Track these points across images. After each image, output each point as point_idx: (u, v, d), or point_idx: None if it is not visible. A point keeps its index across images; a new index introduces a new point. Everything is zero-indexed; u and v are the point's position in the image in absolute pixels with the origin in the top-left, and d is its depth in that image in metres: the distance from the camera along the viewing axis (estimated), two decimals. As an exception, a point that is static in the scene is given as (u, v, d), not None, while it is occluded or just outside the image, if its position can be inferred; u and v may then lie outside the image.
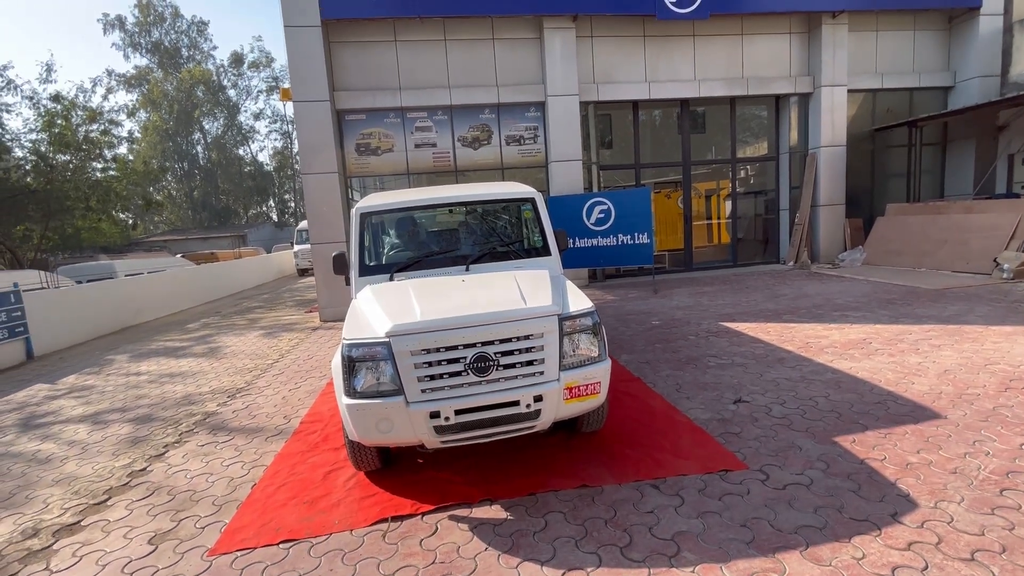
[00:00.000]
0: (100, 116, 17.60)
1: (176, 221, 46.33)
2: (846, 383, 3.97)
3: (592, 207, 8.69)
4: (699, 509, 2.52)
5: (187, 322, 10.56)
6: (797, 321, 5.98)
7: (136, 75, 41.98)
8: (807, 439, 3.13)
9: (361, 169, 9.39)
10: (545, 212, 4.04)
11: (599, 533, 2.41)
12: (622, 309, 7.53)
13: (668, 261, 11.15)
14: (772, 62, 10.27)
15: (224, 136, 46.74)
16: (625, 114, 10.42)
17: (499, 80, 9.39)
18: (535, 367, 2.70)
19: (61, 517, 3.01)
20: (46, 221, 18.05)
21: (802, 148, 10.67)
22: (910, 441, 3.00)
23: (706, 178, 11.34)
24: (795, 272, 9.88)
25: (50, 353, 8.28)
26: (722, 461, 2.94)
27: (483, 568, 2.25)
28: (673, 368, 4.66)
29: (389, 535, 2.55)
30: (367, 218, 3.88)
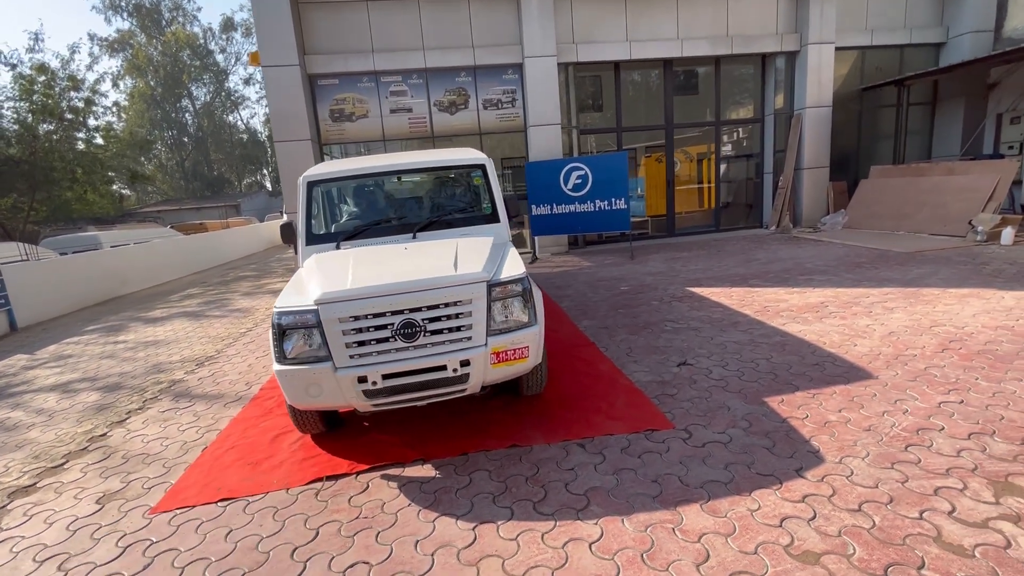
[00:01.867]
0: (83, 85, 17.22)
1: (169, 191, 45.88)
2: (791, 346, 4.05)
3: (569, 173, 8.61)
4: (617, 466, 2.62)
5: (171, 293, 10.64)
6: (762, 286, 6.03)
7: (119, 39, 40.72)
8: (738, 400, 3.22)
9: (336, 136, 9.25)
10: (495, 178, 4.03)
11: (518, 489, 2.52)
12: (595, 275, 7.56)
13: (651, 227, 11.11)
14: (758, 19, 9.95)
15: (213, 103, 45.77)
16: (606, 76, 10.17)
17: (475, 41, 9.14)
18: (462, 332, 2.75)
19: (19, 480, 3.14)
20: (33, 192, 17.94)
21: (788, 109, 10.46)
22: (835, 400, 3.09)
23: (695, 142, 11.16)
24: (775, 236, 9.86)
25: (34, 324, 8.39)
26: (650, 421, 3.04)
27: (402, 522, 2.37)
28: (629, 332, 4.74)
29: (322, 493, 2.67)
30: (314, 186, 3.87)
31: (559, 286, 7.07)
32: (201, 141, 45.69)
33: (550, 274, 8.05)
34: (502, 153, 10.98)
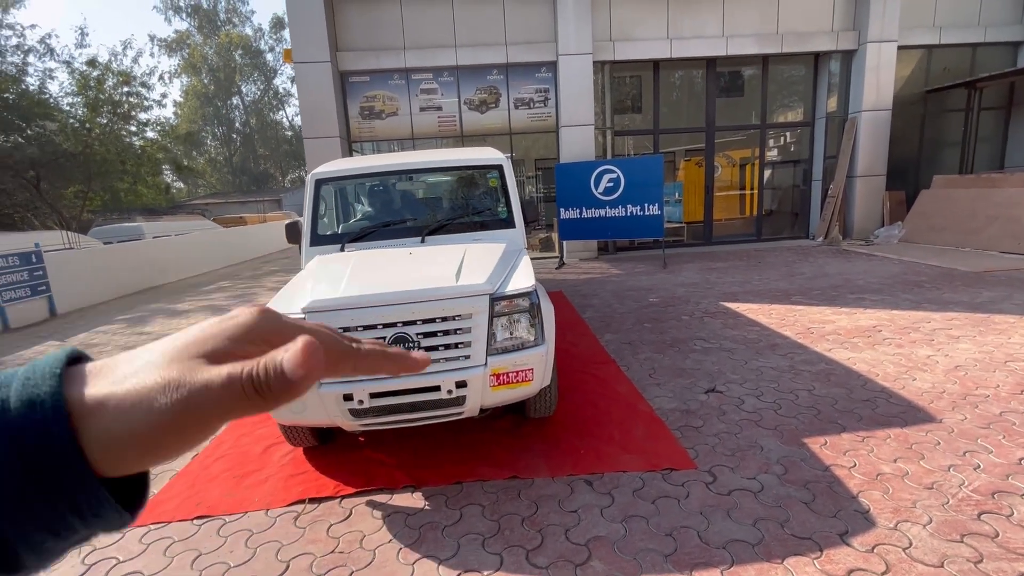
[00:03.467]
0: (133, 80, 17.96)
1: (217, 185, 47.76)
2: (838, 376, 3.60)
3: (601, 175, 8.24)
4: (627, 512, 2.30)
5: (203, 285, 10.85)
6: (806, 303, 5.52)
7: (177, 39, 42.67)
8: (773, 439, 2.83)
9: (365, 134, 9.18)
10: (512, 180, 3.75)
11: (511, 532, 2.24)
12: (623, 284, 7.17)
13: (687, 234, 10.59)
14: (812, 16, 9.29)
15: (261, 100, 47.36)
16: (644, 75, 9.73)
17: (508, 38, 8.89)
18: (459, 350, 2.49)
19: (10, 477, 3.08)
20: (88, 183, 18.86)
21: (841, 113, 9.75)
22: (890, 447, 2.66)
23: (739, 146, 10.58)
24: (822, 249, 9.18)
25: (73, 311, 8.65)
26: (670, 458, 2.69)
27: (379, 561, 2.13)
28: (654, 350, 4.37)
29: (302, 518, 2.46)
30: (321, 185, 3.69)
31: (584, 295, 6.72)
32: (248, 137, 47.34)
33: (576, 281, 7.71)
34: (536, 153, 10.72)
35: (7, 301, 7.43)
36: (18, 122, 16.98)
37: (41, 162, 16.99)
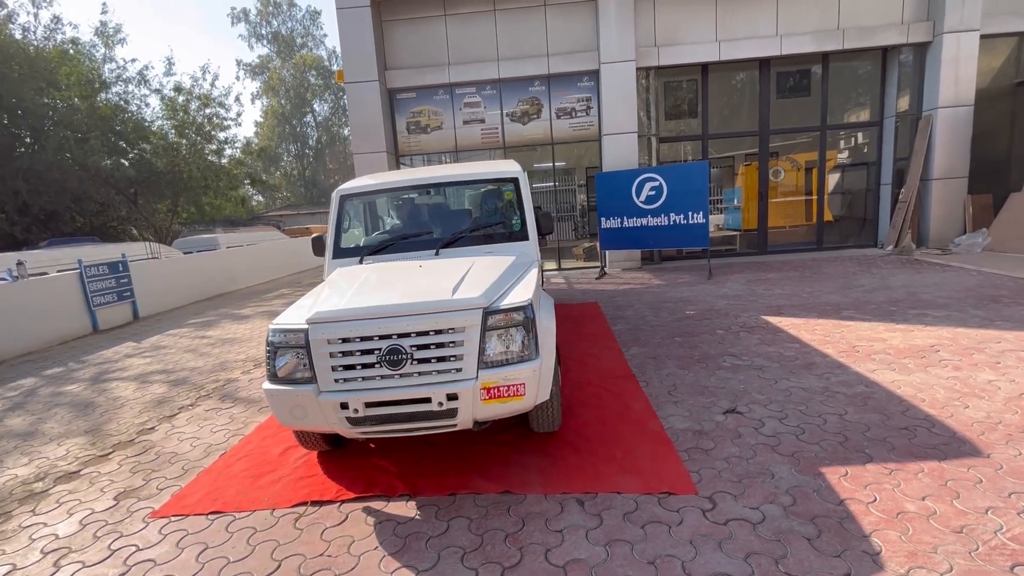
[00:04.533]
0: (212, 101, 19.68)
1: (290, 198, 51.15)
2: (876, 400, 3.30)
3: (642, 184, 8.06)
4: (612, 535, 2.23)
5: (267, 292, 11.64)
6: (857, 319, 5.10)
7: (259, 63, 46.36)
8: (787, 466, 2.64)
9: (411, 147, 9.52)
10: (527, 193, 3.77)
11: (492, 548, 2.23)
12: (661, 296, 6.95)
13: (739, 243, 10.10)
14: (879, 7, 8.64)
15: (330, 118, 50.33)
16: (690, 80, 9.43)
17: (550, 49, 8.93)
18: (451, 363, 2.53)
19: (69, 465, 3.45)
20: (176, 198, 20.82)
21: (914, 111, 8.96)
22: (920, 483, 2.41)
23: (803, 148, 9.99)
24: (890, 258, 8.44)
25: (152, 315, 9.57)
26: (670, 481, 2.58)
27: (361, 567, 2.19)
28: (679, 366, 4.20)
29: (302, 520, 2.58)
30: (346, 200, 3.88)
31: (619, 306, 6.58)
32: (319, 152, 50.39)
33: (614, 292, 7.56)
34: (588, 161, 10.68)
35: (97, 306, 8.34)
36: (124, 146, 19.12)
37: (138, 180, 18.99)
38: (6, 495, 3.11)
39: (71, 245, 13.98)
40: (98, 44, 19.67)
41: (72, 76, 17.35)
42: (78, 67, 17.79)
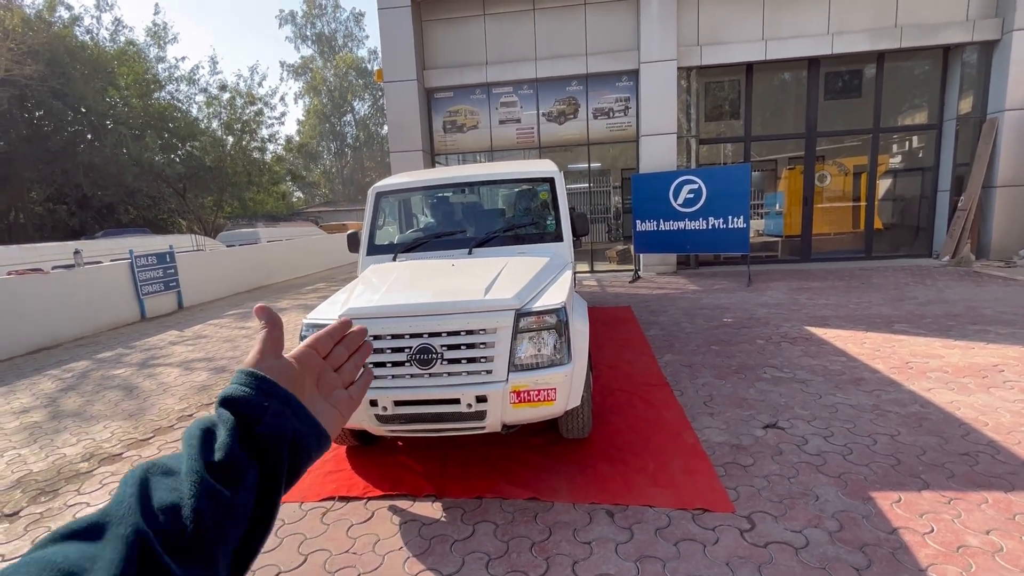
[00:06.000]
0: (257, 100, 20.36)
1: (329, 195, 52.49)
2: (933, 421, 3.08)
3: (680, 186, 7.85)
4: (643, 551, 2.14)
5: (304, 286, 11.93)
6: (911, 333, 4.80)
7: (302, 64, 47.78)
8: (833, 488, 2.48)
9: (447, 147, 9.57)
10: (563, 194, 3.70)
11: (518, 556, 2.18)
12: (697, 302, 6.74)
13: (781, 249, 9.73)
14: (940, 4, 8.15)
15: (369, 117, 51.41)
16: (733, 80, 9.13)
17: (589, 48, 8.81)
18: (481, 365, 2.49)
19: (113, 447, 3.59)
20: (221, 193, 21.65)
21: (978, 113, 8.41)
22: (984, 515, 2.22)
23: (853, 152, 9.56)
24: (947, 270, 7.95)
25: (195, 305, 9.94)
26: (705, 497, 2.46)
27: (386, 567, 2.18)
28: (716, 376, 4.04)
29: (329, 514, 2.59)
30: (382, 198, 3.90)
31: (653, 311, 6.42)
32: (357, 151, 51.51)
33: (648, 296, 7.39)
34: (624, 163, 10.53)
35: (145, 294, 8.71)
36: (175, 143, 20.02)
37: (187, 175, 19.83)
38: (55, 473, 3.26)
39: (124, 236, 14.71)
40: (151, 44, 20.65)
41: (130, 76, 18.27)
42: (135, 67, 18.72)
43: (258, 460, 0.46)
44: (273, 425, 0.47)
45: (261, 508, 0.45)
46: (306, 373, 0.54)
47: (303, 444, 0.49)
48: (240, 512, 0.43)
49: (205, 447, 0.44)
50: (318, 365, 0.56)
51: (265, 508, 0.46)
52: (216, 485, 0.42)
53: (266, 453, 0.46)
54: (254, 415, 0.47)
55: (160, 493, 0.40)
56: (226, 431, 0.45)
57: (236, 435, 0.45)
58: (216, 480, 0.42)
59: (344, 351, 0.59)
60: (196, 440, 0.45)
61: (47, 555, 0.34)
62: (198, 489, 0.41)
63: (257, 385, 0.48)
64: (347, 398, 0.57)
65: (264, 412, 0.47)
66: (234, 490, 0.43)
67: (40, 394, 4.88)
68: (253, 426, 0.46)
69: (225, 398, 0.48)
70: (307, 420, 0.50)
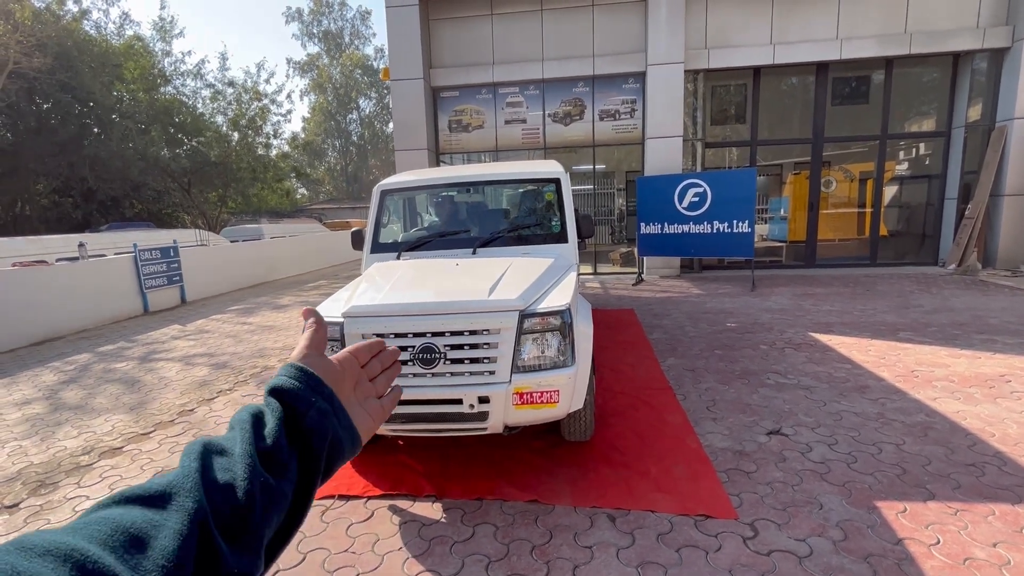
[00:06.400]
0: (264, 96, 20.42)
1: (332, 192, 52.56)
2: (938, 431, 3.05)
3: (685, 189, 7.82)
4: (644, 557, 2.12)
5: (306, 282, 11.94)
6: (916, 341, 4.77)
7: (308, 61, 47.87)
8: (837, 496, 2.46)
9: (452, 146, 9.57)
10: (569, 195, 3.69)
11: (518, 559, 2.16)
12: (701, 306, 6.71)
13: (785, 254, 9.70)
14: (951, 10, 8.11)
15: (375, 116, 51.47)
16: (739, 84, 9.10)
17: (596, 50, 8.80)
18: (484, 365, 2.47)
19: (113, 441, 3.58)
20: (225, 188, 21.72)
21: (987, 121, 8.37)
22: (991, 527, 2.19)
23: (859, 158, 9.52)
24: (953, 278, 7.91)
25: (198, 300, 9.95)
26: (708, 504, 2.44)
27: (385, 567, 2.16)
28: (719, 381, 4.02)
29: (328, 512, 2.58)
30: (386, 196, 3.89)
31: (656, 314, 6.39)
32: (362, 148, 51.58)
33: (651, 299, 7.36)
34: (628, 165, 10.51)
35: (149, 288, 8.72)
36: (181, 137, 20.08)
37: (192, 170, 19.90)
38: (55, 466, 3.25)
39: (128, 229, 14.74)
40: (157, 39, 20.72)
41: (137, 70, 18.33)
42: (142, 61, 18.77)
43: (299, 453, 0.48)
44: (317, 421, 0.49)
45: (298, 499, 0.47)
46: (346, 376, 0.56)
47: (340, 444, 0.51)
48: (282, 500, 0.45)
49: (256, 433, 0.46)
50: (356, 372, 0.58)
51: (301, 500, 0.47)
52: (264, 472, 0.43)
53: (308, 448, 0.48)
54: (301, 409, 0.49)
55: (217, 472, 0.41)
56: (275, 420, 0.47)
57: (283, 426, 0.47)
58: (264, 467, 0.44)
59: (379, 365, 0.62)
60: (248, 425, 0.46)
61: (115, 515, 0.35)
62: (251, 473, 0.42)
63: (306, 381, 0.51)
64: (379, 407, 0.59)
65: (310, 407, 0.49)
66: (279, 478, 0.44)
67: (42, 386, 4.88)
68: (299, 420, 0.48)
69: (275, 388, 0.50)
70: (345, 422, 0.53)
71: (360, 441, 0.54)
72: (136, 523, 0.35)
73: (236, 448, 0.44)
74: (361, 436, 0.55)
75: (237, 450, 0.43)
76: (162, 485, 0.39)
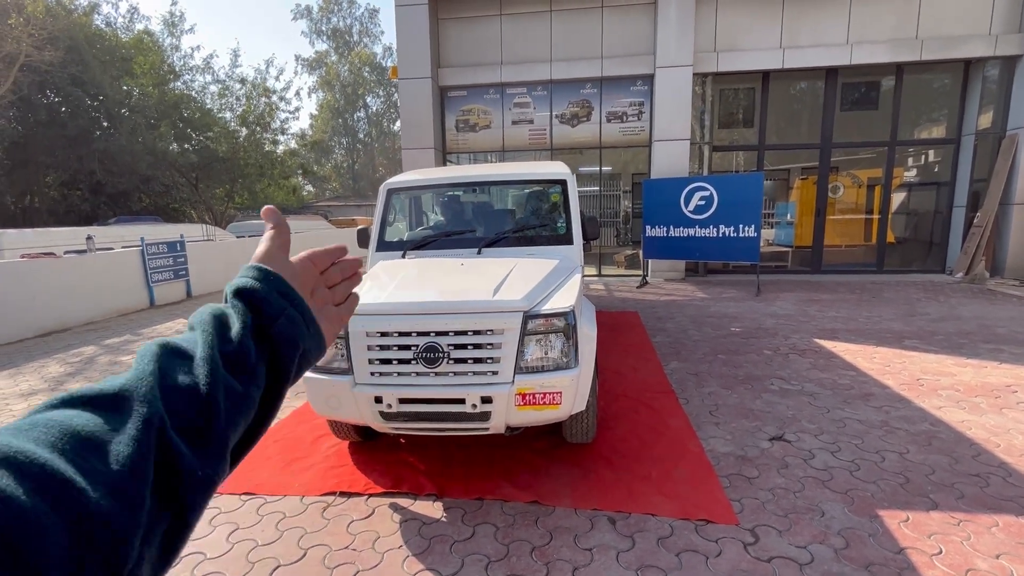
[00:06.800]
0: (272, 93, 20.52)
1: (339, 189, 52.72)
2: (943, 440, 3.03)
3: (692, 193, 7.80)
4: (644, 561, 2.11)
5: (310, 279, 11.97)
6: (922, 349, 4.74)
7: (316, 59, 48.03)
8: (839, 504, 2.45)
9: (459, 145, 9.58)
10: (575, 197, 3.68)
11: (518, 560, 2.16)
12: (705, 310, 6.69)
13: (791, 260, 9.65)
14: (964, 17, 8.05)
15: (382, 114, 51.60)
16: (748, 88, 9.07)
17: (604, 51, 8.78)
18: (488, 365, 2.48)
19: (117, 433, 3.61)
20: (232, 184, 21.82)
21: (998, 129, 8.30)
22: (994, 538, 2.18)
23: (867, 164, 9.47)
24: (960, 286, 7.85)
25: (204, 294, 10.00)
26: (709, 508, 2.44)
27: (385, 565, 2.17)
28: (722, 385, 4.01)
29: (330, 509, 2.59)
30: (392, 194, 3.90)
31: (660, 317, 6.38)
32: (369, 147, 51.71)
33: (655, 302, 7.35)
34: (635, 168, 10.50)
35: (155, 282, 8.78)
36: (190, 132, 20.19)
37: (200, 165, 20.01)
38: (59, 457, 3.27)
39: (136, 223, 14.84)
40: (166, 35, 20.85)
41: (146, 65, 18.45)
42: (152, 56, 18.89)
43: (267, 359, 0.46)
44: (287, 329, 0.47)
45: (264, 405, 0.45)
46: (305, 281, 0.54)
47: (308, 353, 0.50)
48: (249, 405, 0.43)
49: (220, 336, 0.43)
50: (314, 277, 0.56)
51: (268, 404, 0.46)
52: (229, 376, 0.41)
53: (277, 355, 0.46)
54: (270, 315, 0.46)
55: (177, 375, 0.39)
56: (240, 324, 0.45)
57: (251, 330, 0.45)
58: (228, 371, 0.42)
59: (338, 273, 0.59)
60: (210, 327, 0.44)
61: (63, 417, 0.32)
62: (214, 378, 0.40)
63: (274, 286, 0.48)
64: (337, 316, 0.57)
65: (281, 314, 0.47)
66: (245, 384, 0.43)
67: (48, 377, 4.92)
68: (268, 326, 0.46)
69: (240, 290, 0.47)
70: (314, 329, 0.50)
71: (326, 349, 0.52)
72: (87, 427, 0.32)
73: (198, 351, 0.41)
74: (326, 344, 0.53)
75: (200, 352, 0.41)
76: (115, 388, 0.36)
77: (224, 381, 0.41)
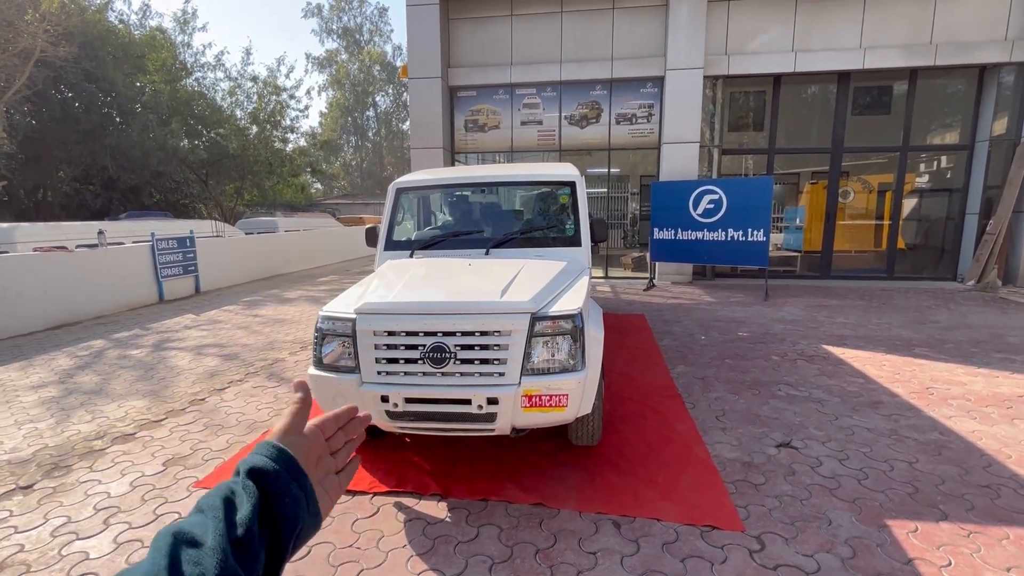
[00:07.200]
0: (283, 91, 20.60)
1: (347, 187, 52.94)
2: (953, 450, 2.99)
3: (700, 196, 7.76)
4: (649, 566, 2.10)
5: (317, 277, 12.03)
6: (932, 358, 4.69)
7: (326, 57, 48.27)
8: (847, 513, 2.42)
9: (468, 145, 9.59)
10: (584, 199, 3.68)
11: (522, 562, 2.16)
12: (712, 314, 6.66)
13: (800, 264, 9.58)
14: (979, 22, 7.96)
15: (391, 113, 51.77)
16: (759, 91, 9.02)
17: (615, 53, 8.76)
18: (494, 366, 2.47)
19: (126, 426, 3.64)
20: (242, 180, 21.93)
21: (1013, 135, 8.20)
22: (1005, 550, 2.15)
23: (878, 169, 9.39)
24: (971, 295, 7.76)
25: (212, 290, 10.08)
26: (714, 515, 2.42)
27: (389, 565, 2.17)
28: (729, 390, 3.98)
29: (334, 507, 2.59)
30: (402, 194, 3.91)
31: (667, 320, 6.36)
32: (377, 145, 51.89)
33: (662, 305, 7.32)
34: (643, 169, 10.47)
35: (164, 277, 8.85)
36: (201, 129, 20.31)
37: (210, 162, 20.12)
38: (69, 449, 3.31)
39: (147, 219, 14.95)
40: (178, 32, 20.99)
41: (158, 61, 18.59)
42: (164, 53, 19.04)
43: (268, 539, 0.49)
44: (290, 509, 0.50)
45: None
46: (312, 451, 0.57)
47: (305, 531, 0.52)
48: None
49: (228, 521, 0.46)
50: (321, 447, 0.58)
51: None
52: (236, 566, 0.44)
53: (277, 535, 0.49)
54: (277, 495, 0.49)
55: (186, 567, 0.42)
56: (249, 506, 0.48)
57: (257, 511, 0.48)
58: (235, 558, 0.44)
59: (343, 437, 0.62)
60: (220, 512, 0.47)
61: None
62: (223, 568, 0.43)
63: (285, 464, 0.51)
64: (336, 485, 0.59)
65: (286, 495, 0.50)
66: (249, 568, 0.45)
67: (58, 370, 4.97)
68: (273, 506, 0.49)
69: (253, 469, 0.50)
70: (314, 507, 0.53)
71: (320, 525, 0.55)
72: None
73: (208, 539, 0.44)
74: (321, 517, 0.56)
75: (208, 542, 0.44)
76: None
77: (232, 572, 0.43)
